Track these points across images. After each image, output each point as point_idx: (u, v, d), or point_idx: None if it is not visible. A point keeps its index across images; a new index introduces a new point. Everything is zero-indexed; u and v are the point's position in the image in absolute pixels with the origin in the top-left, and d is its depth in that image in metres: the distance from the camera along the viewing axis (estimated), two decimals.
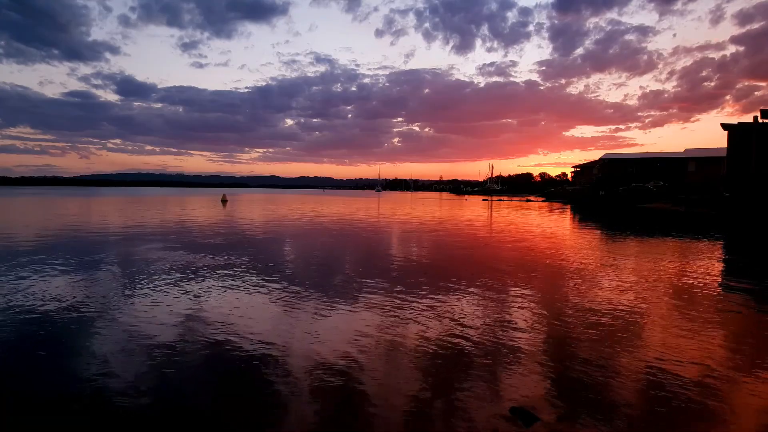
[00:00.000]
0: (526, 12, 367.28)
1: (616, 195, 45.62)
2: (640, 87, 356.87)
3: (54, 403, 3.69)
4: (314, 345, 5.03)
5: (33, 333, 5.31)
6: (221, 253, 11.67)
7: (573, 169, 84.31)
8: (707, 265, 10.83)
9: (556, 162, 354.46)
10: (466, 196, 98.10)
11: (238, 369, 4.38)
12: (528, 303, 6.94)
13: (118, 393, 3.84)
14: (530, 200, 69.21)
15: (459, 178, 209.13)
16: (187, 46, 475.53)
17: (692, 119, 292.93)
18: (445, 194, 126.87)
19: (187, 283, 8.06)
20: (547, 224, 23.72)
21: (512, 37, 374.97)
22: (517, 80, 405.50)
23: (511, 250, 13.26)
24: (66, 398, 3.76)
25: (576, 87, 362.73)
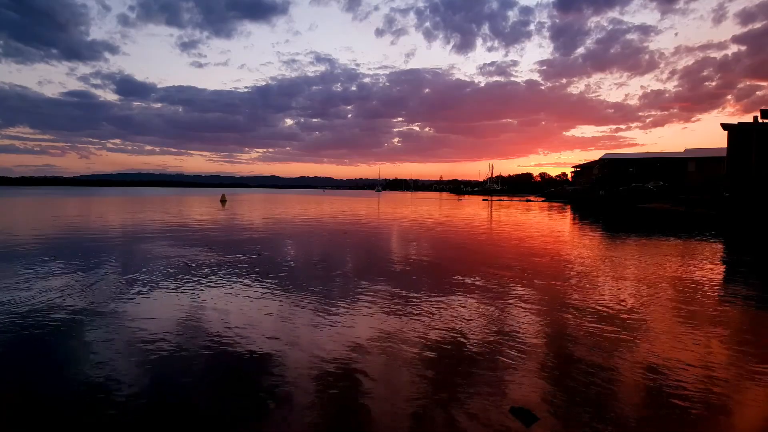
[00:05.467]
0: (527, 11, 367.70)
1: (616, 195, 45.61)
2: (641, 87, 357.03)
3: (55, 402, 3.69)
4: (315, 344, 5.02)
5: (34, 332, 5.29)
6: (220, 252, 11.66)
7: (573, 169, 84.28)
8: (707, 265, 10.82)
9: (557, 162, 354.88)
10: (460, 196, 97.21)
11: (239, 368, 4.37)
12: (528, 303, 6.93)
13: (118, 392, 3.83)
14: (530, 200, 69.18)
15: (459, 178, 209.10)
16: (186, 46, 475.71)
17: (693, 119, 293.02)
18: (445, 194, 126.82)
19: (187, 282, 8.05)
20: (547, 224, 23.72)
21: (513, 36, 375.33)
22: (518, 80, 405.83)
23: (510, 249, 13.25)
24: (66, 398, 3.76)
25: (577, 87, 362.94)
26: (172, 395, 3.84)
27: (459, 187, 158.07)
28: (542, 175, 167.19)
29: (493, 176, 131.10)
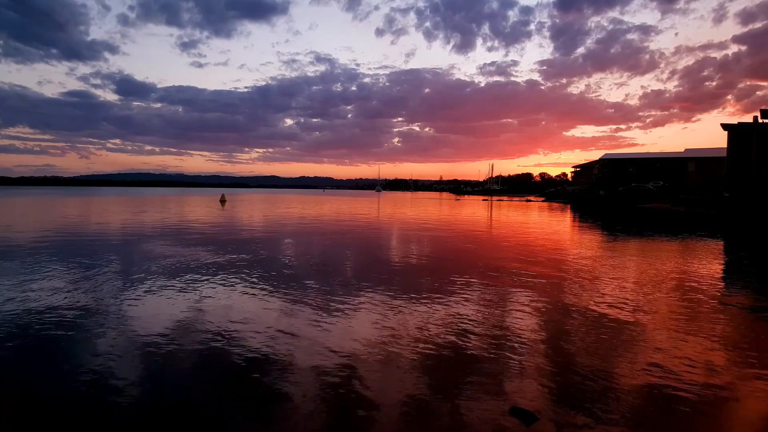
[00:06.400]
0: (527, 11, 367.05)
1: (616, 195, 45.62)
2: (642, 86, 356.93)
3: (55, 402, 3.69)
4: (314, 344, 5.02)
5: (35, 331, 5.29)
6: (220, 252, 11.66)
7: (573, 169, 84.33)
8: (707, 265, 10.82)
9: (557, 162, 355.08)
10: (458, 196, 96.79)
11: (239, 368, 4.37)
12: (528, 303, 6.93)
13: (119, 392, 3.83)
14: (530, 200, 69.21)
15: (459, 178, 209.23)
16: (186, 46, 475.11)
17: (693, 119, 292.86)
18: (444, 194, 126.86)
19: (186, 282, 8.05)
20: (547, 224, 23.72)
21: (513, 36, 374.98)
22: (518, 80, 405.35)
23: (510, 250, 13.25)
24: (66, 398, 3.76)
25: (577, 86, 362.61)
26: (172, 395, 3.83)
27: (459, 187, 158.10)
28: (542, 175, 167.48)
29: (493, 176, 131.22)
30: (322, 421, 3.44)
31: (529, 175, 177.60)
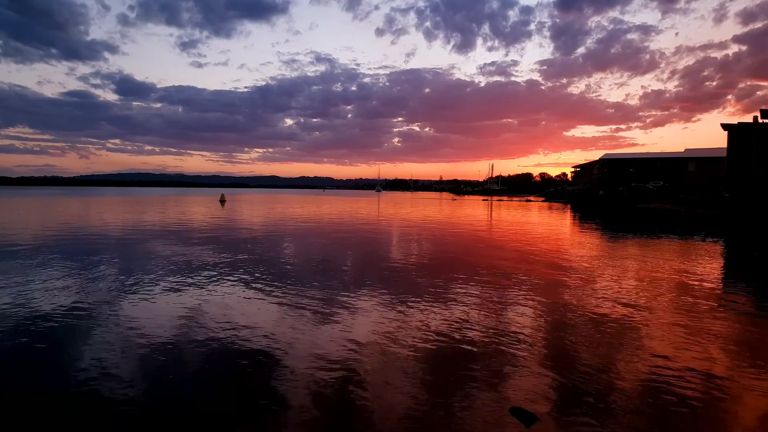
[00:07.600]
0: (527, 11, 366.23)
1: (616, 195, 45.60)
2: (642, 86, 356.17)
3: (55, 402, 3.68)
4: (315, 344, 5.02)
5: (35, 331, 5.29)
6: (218, 253, 11.66)
7: (573, 169, 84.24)
8: (708, 265, 10.82)
9: (557, 162, 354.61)
10: (455, 196, 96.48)
11: (239, 369, 4.37)
12: (528, 303, 6.93)
13: (118, 393, 3.83)
14: (530, 200, 69.23)
15: (459, 178, 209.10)
16: (186, 46, 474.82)
17: (694, 119, 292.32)
18: (444, 194, 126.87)
19: (185, 283, 8.05)
20: (547, 225, 23.72)
21: (513, 36, 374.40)
22: (518, 80, 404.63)
23: (510, 250, 13.24)
24: (67, 398, 3.76)
25: (577, 86, 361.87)
26: (171, 395, 3.83)
27: (459, 187, 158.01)
28: (542, 175, 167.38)
29: (493, 176, 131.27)
30: (322, 421, 3.43)
31: (529, 175, 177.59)
